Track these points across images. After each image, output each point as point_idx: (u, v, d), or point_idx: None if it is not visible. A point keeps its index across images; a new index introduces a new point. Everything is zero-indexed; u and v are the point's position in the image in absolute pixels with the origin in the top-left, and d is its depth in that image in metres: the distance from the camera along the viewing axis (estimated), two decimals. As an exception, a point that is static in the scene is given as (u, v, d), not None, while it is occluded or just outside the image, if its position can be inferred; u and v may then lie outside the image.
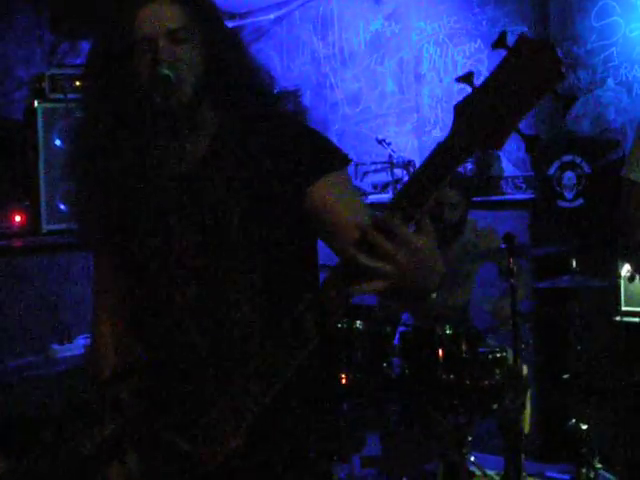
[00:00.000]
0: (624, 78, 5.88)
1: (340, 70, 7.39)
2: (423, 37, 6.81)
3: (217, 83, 2.32)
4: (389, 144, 6.63)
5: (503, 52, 1.76)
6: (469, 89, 1.78)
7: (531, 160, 6.21)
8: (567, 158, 5.91)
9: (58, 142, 5.94)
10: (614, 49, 5.86)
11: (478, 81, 1.77)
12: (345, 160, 2.36)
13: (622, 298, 5.41)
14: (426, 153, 1.79)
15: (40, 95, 6.06)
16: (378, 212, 1.83)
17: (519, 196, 6.36)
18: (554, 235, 5.90)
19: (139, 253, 2.36)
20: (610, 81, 5.92)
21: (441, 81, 6.64)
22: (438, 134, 6.47)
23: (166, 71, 2.22)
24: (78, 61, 6.48)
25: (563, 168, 5.93)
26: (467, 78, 1.78)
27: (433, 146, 1.78)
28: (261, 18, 7.71)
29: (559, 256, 5.30)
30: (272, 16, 7.68)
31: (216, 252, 2.30)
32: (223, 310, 2.29)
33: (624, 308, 5.41)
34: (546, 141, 6.19)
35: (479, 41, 6.36)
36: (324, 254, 2.44)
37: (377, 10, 7.12)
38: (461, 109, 1.78)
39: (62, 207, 5.89)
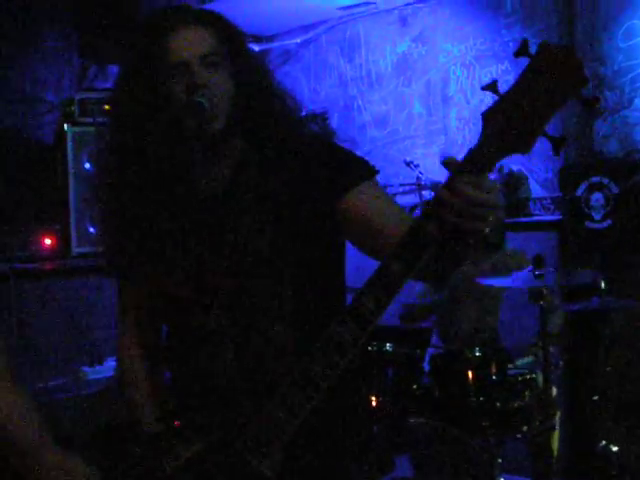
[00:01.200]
0: (652, 99, 5.88)
1: (367, 92, 7.40)
2: (450, 59, 6.83)
3: (245, 108, 2.35)
4: (417, 166, 6.64)
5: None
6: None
7: (559, 181, 6.20)
8: (595, 179, 5.90)
9: (87, 165, 5.99)
10: (641, 70, 5.86)
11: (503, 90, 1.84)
12: (373, 170, 2.39)
13: (651, 319, 5.39)
14: None
15: (69, 119, 6.10)
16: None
17: (547, 217, 6.35)
18: (582, 256, 5.89)
19: (167, 278, 2.38)
20: (637, 101, 5.91)
21: (468, 103, 6.65)
22: (466, 155, 6.44)
23: (200, 99, 2.25)
24: (107, 85, 6.53)
25: (591, 189, 5.92)
26: (492, 86, 1.87)
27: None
28: (287, 42, 7.75)
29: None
30: (299, 40, 7.71)
31: (246, 274, 2.32)
32: (256, 331, 2.32)
33: (654, 329, 5.39)
34: (574, 162, 6.19)
35: (506, 62, 6.37)
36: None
37: (404, 32, 7.14)
38: (488, 116, 1.87)
39: (92, 230, 5.92)
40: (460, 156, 5.88)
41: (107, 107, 5.86)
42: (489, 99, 6.32)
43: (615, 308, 5.13)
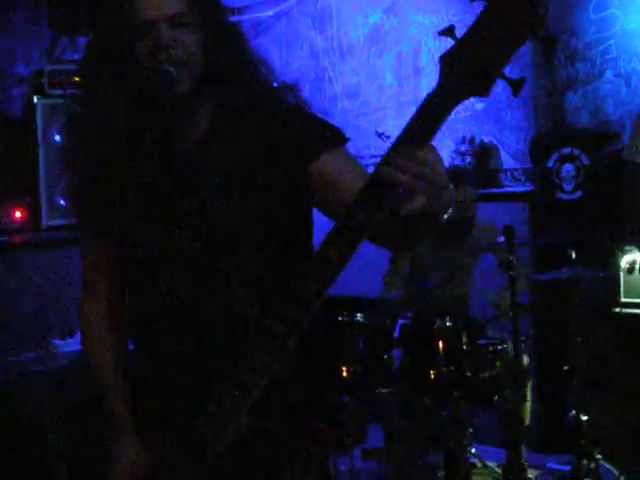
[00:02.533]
0: (622, 70, 5.90)
1: (339, 64, 7.39)
2: (422, 30, 6.81)
3: (216, 72, 2.33)
4: (388, 137, 6.63)
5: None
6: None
7: (530, 152, 6.22)
8: (566, 150, 5.92)
9: (58, 138, 5.95)
10: (612, 41, 5.88)
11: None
12: (343, 137, 2.37)
13: (621, 289, 5.43)
14: None
15: (39, 91, 6.06)
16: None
17: (518, 188, 6.37)
18: (553, 227, 5.91)
19: (137, 238, 2.37)
20: (608, 73, 5.93)
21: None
22: (437, 127, 6.45)
23: (167, 67, 2.22)
24: (77, 57, 6.48)
25: (562, 160, 5.94)
26: (449, 31, 1.84)
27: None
28: (259, 14, 7.72)
29: (558, 248, 5.31)
30: (271, 12, 7.68)
31: (216, 234, 2.31)
32: (224, 292, 2.30)
33: (623, 299, 5.42)
34: (545, 133, 6.21)
35: (476, 34, 6.37)
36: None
37: (375, 3, 7.12)
38: (446, 60, 1.83)
39: (62, 203, 5.90)
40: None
41: (77, 79, 5.88)
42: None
43: (585, 278, 5.15)
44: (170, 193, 2.34)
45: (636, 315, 5.37)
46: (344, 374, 4.80)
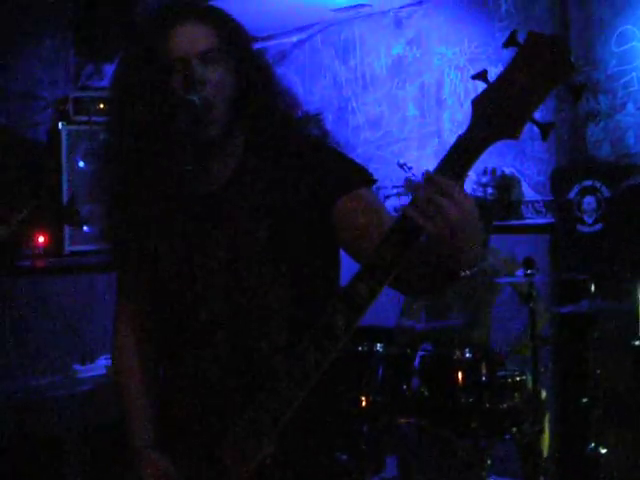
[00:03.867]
0: (644, 103, 5.90)
1: (361, 94, 7.42)
2: (444, 62, 6.85)
3: (245, 107, 2.35)
4: (410, 168, 6.65)
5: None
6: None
7: (551, 184, 6.22)
8: (587, 183, 5.93)
9: (81, 164, 5.99)
10: (634, 74, 5.88)
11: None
12: (371, 178, 2.39)
13: (641, 323, 5.41)
14: None
15: (64, 117, 6.11)
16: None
17: (539, 220, 6.37)
18: (573, 260, 5.91)
19: (163, 272, 2.40)
20: (630, 106, 5.93)
21: (462, 106, 6.65)
22: (459, 158, 6.45)
23: (192, 97, 2.24)
24: (102, 83, 6.53)
25: (583, 193, 5.94)
26: (481, 75, 1.90)
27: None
28: (283, 40, 7.76)
29: (578, 281, 5.31)
30: (295, 39, 7.72)
31: (242, 269, 2.33)
32: (250, 325, 2.32)
33: (643, 333, 5.40)
34: (566, 166, 6.21)
35: (500, 65, 6.35)
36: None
37: (398, 34, 7.16)
38: (477, 103, 1.90)
39: (85, 228, 5.93)
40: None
41: (102, 105, 5.92)
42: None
43: (604, 311, 5.15)
44: (198, 231, 2.36)
45: (656, 349, 5.35)
46: (363, 404, 4.81)
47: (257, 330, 2.32)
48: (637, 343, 5.37)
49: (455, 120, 6.73)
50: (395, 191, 6.92)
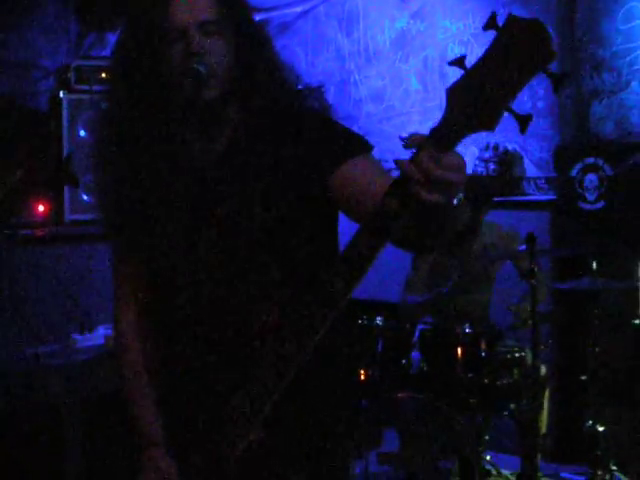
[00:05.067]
0: (649, 82, 5.88)
1: (364, 67, 7.37)
2: (448, 36, 6.80)
3: (243, 78, 2.34)
4: (412, 141, 6.61)
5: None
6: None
7: (554, 161, 6.20)
8: (589, 160, 5.91)
9: (83, 133, 5.98)
10: (639, 52, 5.85)
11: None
12: (368, 145, 2.37)
13: (641, 301, 5.41)
14: None
15: (65, 86, 6.08)
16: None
17: (541, 197, 6.35)
18: (575, 237, 5.90)
19: (157, 245, 2.37)
20: (635, 84, 5.90)
21: (465, 80, 6.61)
22: (462, 132, 6.42)
23: (196, 65, 2.23)
24: (104, 53, 6.50)
25: (585, 170, 5.92)
26: (459, 61, 1.81)
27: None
28: (286, 12, 7.70)
29: (579, 258, 5.31)
30: (299, 9, 7.67)
31: (237, 247, 2.31)
32: (243, 302, 2.31)
33: (643, 311, 5.41)
34: (569, 143, 6.19)
35: (504, 41, 6.35)
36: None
37: (403, 8, 7.11)
38: (452, 92, 1.82)
39: (85, 197, 5.92)
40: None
41: (104, 74, 5.89)
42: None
43: (605, 289, 5.14)
44: (194, 203, 2.35)
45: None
46: (362, 377, 4.81)
47: (251, 308, 2.30)
48: (637, 322, 5.37)
49: (458, 95, 6.67)
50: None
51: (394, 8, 7.17)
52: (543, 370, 5.01)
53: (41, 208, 6.01)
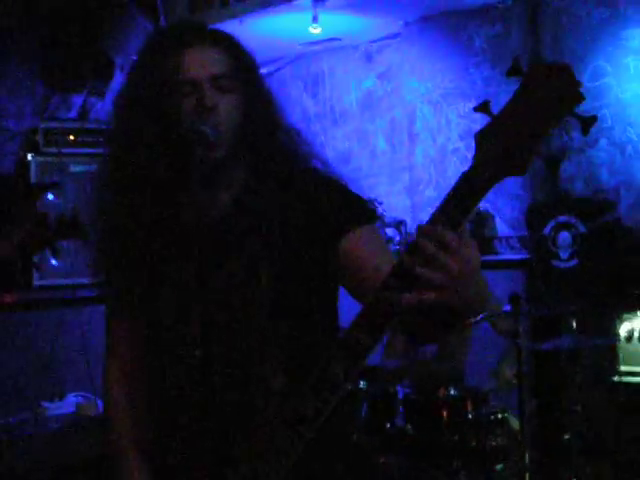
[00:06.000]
0: (617, 139, 5.95)
1: (331, 128, 7.37)
2: (416, 96, 6.82)
3: (249, 138, 2.30)
4: (380, 204, 6.61)
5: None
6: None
7: (526, 220, 6.22)
8: (562, 218, 5.93)
9: (51, 197, 5.88)
10: (607, 111, 5.91)
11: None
12: (374, 214, 2.34)
13: (620, 358, 5.42)
14: (420, 213, 1.80)
15: (33, 148, 6.00)
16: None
17: (514, 256, 6.36)
18: (550, 296, 5.91)
19: (159, 308, 2.32)
20: (603, 142, 5.97)
21: (435, 141, 6.63)
22: (432, 194, 6.46)
23: (203, 127, 2.20)
24: (70, 115, 6.45)
25: (558, 228, 5.95)
26: (484, 107, 1.80)
27: (433, 201, 1.78)
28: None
29: (558, 317, 5.31)
30: (264, 70, 7.64)
31: (241, 309, 2.26)
32: (247, 367, 2.25)
33: (622, 368, 5.41)
34: (540, 201, 6.22)
35: (473, 100, 6.38)
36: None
37: (369, 68, 7.13)
38: (481, 138, 1.79)
39: (54, 262, 5.81)
40: (426, 195, 5.90)
41: (72, 137, 5.83)
42: (455, 137, 6.33)
43: (586, 347, 5.15)
44: (197, 262, 2.29)
45: (635, 384, 5.36)
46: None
47: (254, 374, 2.25)
48: (616, 379, 5.38)
49: (428, 155, 6.69)
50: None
51: (360, 68, 7.19)
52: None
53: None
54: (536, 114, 1.74)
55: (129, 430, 2.48)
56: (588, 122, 1.77)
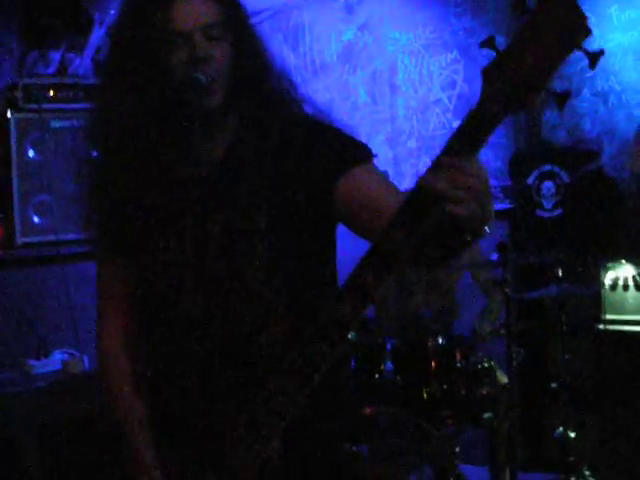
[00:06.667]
0: (600, 89, 5.95)
1: (311, 81, 7.30)
2: (398, 47, 6.78)
3: (242, 86, 2.29)
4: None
5: (481, 62, 1.79)
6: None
7: (509, 170, 6.22)
8: (546, 168, 5.94)
9: (32, 153, 5.81)
10: (590, 60, 5.89)
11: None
12: (370, 152, 2.32)
13: (604, 306, 5.45)
14: (402, 164, 1.77)
15: (13, 105, 5.92)
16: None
17: (498, 206, 6.36)
18: (533, 245, 5.92)
19: (153, 262, 2.31)
20: (586, 92, 5.97)
21: (416, 92, 6.61)
22: (414, 145, 6.46)
23: (198, 75, 2.18)
24: (49, 71, 6.36)
25: (542, 178, 5.96)
26: (489, 42, 1.78)
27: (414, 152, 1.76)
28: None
29: (544, 266, 5.32)
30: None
31: (238, 259, 2.25)
32: (248, 317, 2.25)
33: (607, 316, 5.45)
34: (524, 151, 6.22)
35: (455, 51, 6.36)
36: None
37: (349, 20, 7.06)
38: (489, 73, 1.76)
39: (36, 220, 5.77)
40: (408, 146, 5.84)
41: (52, 92, 5.76)
42: (437, 88, 6.27)
43: (571, 295, 5.17)
44: (192, 213, 2.29)
45: (620, 332, 5.40)
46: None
47: (255, 322, 2.24)
48: (601, 327, 5.42)
49: (410, 107, 6.66)
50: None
51: (340, 21, 7.11)
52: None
53: (-9, 231, 5.84)
54: (543, 49, 1.71)
55: (126, 382, 2.47)
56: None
